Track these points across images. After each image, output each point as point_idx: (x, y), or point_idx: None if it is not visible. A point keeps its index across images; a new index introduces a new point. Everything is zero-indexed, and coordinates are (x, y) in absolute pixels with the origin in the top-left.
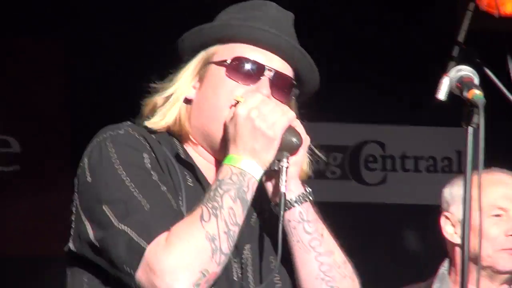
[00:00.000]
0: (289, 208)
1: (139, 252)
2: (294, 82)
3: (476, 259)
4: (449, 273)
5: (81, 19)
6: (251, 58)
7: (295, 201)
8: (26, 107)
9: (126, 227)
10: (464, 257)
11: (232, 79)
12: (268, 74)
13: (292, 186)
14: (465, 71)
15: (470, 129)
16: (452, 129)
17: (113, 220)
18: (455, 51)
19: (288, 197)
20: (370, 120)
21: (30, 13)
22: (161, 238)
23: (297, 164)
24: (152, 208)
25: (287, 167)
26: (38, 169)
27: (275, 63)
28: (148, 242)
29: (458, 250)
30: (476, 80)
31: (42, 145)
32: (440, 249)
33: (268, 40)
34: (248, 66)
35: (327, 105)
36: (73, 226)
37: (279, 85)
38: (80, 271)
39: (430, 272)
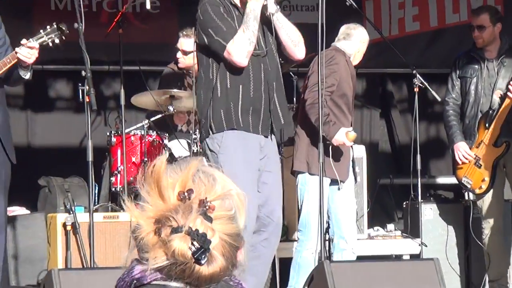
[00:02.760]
0: (272, 15)
1: (224, 47)
2: None
3: None
4: None
5: None
6: None
7: (277, 10)
8: None
9: (218, 37)
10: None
11: None
12: None
13: (273, 5)
14: None
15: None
16: None
17: (214, 34)
18: None
19: (272, 10)
20: None
21: None
22: (230, 41)
23: (273, 1)
24: (227, 30)
25: (267, 2)
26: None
27: None
28: (226, 43)
29: None
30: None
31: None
32: None
33: None
34: None
35: None
36: (197, 36)
37: None
38: (203, 50)
39: None
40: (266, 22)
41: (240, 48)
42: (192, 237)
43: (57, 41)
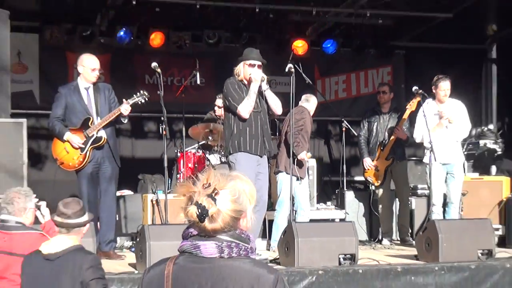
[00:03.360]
0: (264, 91)
1: (236, 107)
2: (261, 65)
3: None
4: None
5: None
6: (253, 62)
7: (267, 88)
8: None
9: (233, 102)
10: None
11: (249, 67)
12: (257, 65)
13: (265, 85)
14: (290, 64)
15: (291, 78)
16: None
17: (231, 100)
18: (290, 61)
19: (264, 88)
20: None
21: None
22: (240, 104)
23: (265, 83)
24: (238, 98)
25: (262, 84)
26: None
27: (258, 62)
28: (238, 105)
29: None
30: (292, 67)
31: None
32: None
33: (256, 58)
34: (253, 64)
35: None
36: (223, 100)
37: (259, 67)
38: (226, 108)
39: None
40: (262, 94)
41: (245, 108)
42: (197, 207)
43: (143, 101)
